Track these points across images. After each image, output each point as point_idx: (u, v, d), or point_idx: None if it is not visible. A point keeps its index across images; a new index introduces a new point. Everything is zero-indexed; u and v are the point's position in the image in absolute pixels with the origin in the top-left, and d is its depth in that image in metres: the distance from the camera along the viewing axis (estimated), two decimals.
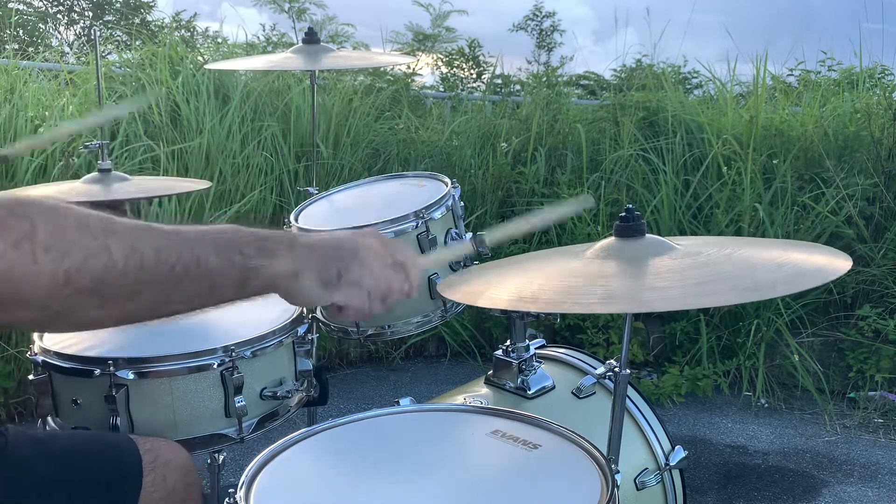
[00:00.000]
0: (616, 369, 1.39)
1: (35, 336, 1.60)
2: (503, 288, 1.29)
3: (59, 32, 13.09)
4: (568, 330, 4.01)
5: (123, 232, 0.86)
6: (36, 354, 1.54)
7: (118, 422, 1.46)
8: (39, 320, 0.86)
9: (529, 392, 1.65)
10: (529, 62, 9.38)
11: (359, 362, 4.10)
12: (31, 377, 1.55)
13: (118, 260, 0.84)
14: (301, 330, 1.66)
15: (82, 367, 1.48)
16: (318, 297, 1.02)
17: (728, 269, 1.18)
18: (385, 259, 1.07)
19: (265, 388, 1.58)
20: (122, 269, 0.84)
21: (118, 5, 13.65)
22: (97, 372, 1.46)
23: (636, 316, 3.87)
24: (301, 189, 2.34)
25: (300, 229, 1.88)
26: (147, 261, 0.86)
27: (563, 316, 3.88)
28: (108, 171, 2.13)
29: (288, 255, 0.98)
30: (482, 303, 1.28)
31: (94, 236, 0.83)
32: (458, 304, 1.89)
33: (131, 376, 1.46)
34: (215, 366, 1.50)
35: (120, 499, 1.30)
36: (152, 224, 0.90)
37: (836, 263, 1.19)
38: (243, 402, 1.52)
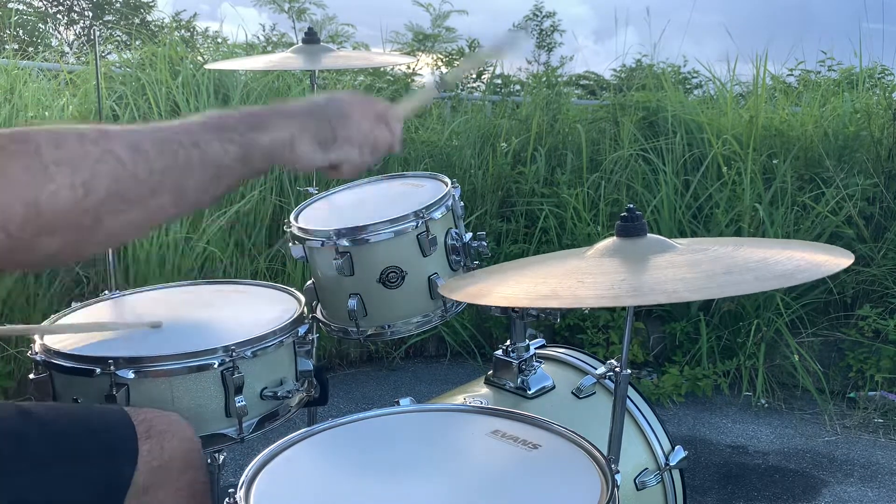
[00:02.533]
0: (616, 369, 1.39)
1: (35, 335, 1.60)
2: (518, 288, 1.28)
3: (59, 32, 13.09)
4: (568, 330, 4.01)
5: (121, 135, 0.87)
6: (37, 354, 1.54)
7: None
8: (71, 245, 0.85)
9: (529, 392, 1.65)
10: (529, 62, 9.37)
11: (359, 362, 4.09)
12: (31, 376, 1.55)
13: (125, 160, 0.85)
14: (301, 330, 1.66)
15: (83, 366, 1.48)
16: (317, 159, 1.05)
17: (744, 261, 1.20)
18: (368, 113, 1.11)
19: (265, 387, 1.58)
20: (132, 167, 0.86)
21: (118, 5, 13.65)
22: (98, 371, 1.46)
23: (636, 316, 3.87)
24: (301, 189, 2.34)
25: (300, 230, 1.88)
26: (152, 155, 0.88)
27: (563, 316, 3.88)
28: None
29: (280, 123, 1.01)
30: (505, 302, 1.28)
31: (94, 143, 0.84)
32: (459, 303, 1.89)
33: (132, 375, 1.46)
34: (216, 365, 1.50)
35: (114, 467, 1.28)
36: (147, 124, 0.92)
37: (839, 260, 1.20)
38: (243, 402, 1.52)
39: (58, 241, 0.82)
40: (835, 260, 1.20)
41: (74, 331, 1.64)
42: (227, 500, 1.06)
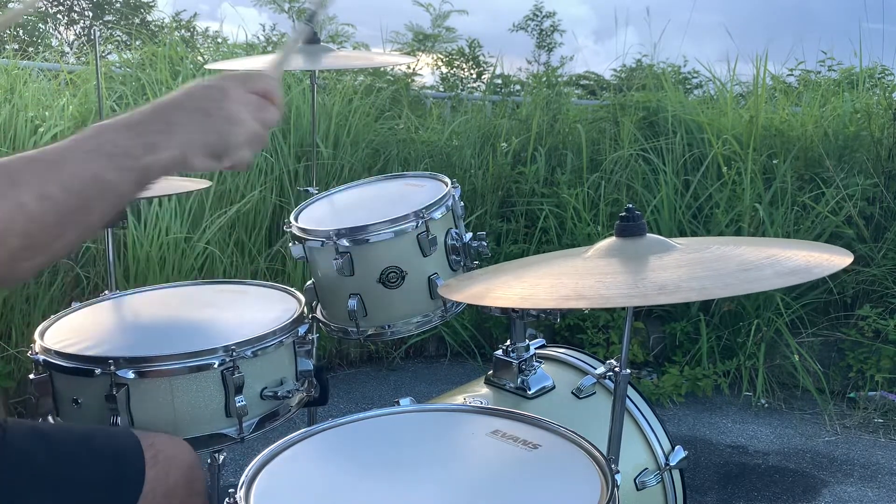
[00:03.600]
0: (616, 369, 1.39)
1: (36, 335, 1.60)
2: (529, 288, 1.28)
3: (59, 32, 13.09)
4: (568, 330, 4.02)
5: (26, 181, 0.87)
6: (37, 354, 1.54)
7: (119, 421, 1.46)
8: None
9: (529, 392, 1.65)
10: (529, 62, 9.35)
11: (359, 362, 4.10)
12: (31, 376, 1.55)
13: (34, 211, 0.86)
14: (302, 330, 1.66)
15: (83, 366, 1.48)
16: (212, 168, 1.04)
17: (759, 258, 1.20)
18: (251, 101, 1.06)
19: (266, 387, 1.58)
20: (41, 218, 0.86)
21: (118, 5, 13.65)
22: (98, 371, 1.46)
23: (636, 316, 3.87)
24: (301, 189, 2.34)
25: (300, 229, 1.88)
26: (58, 200, 0.88)
27: (563, 316, 3.88)
28: None
29: (170, 142, 0.98)
30: (520, 304, 1.27)
31: (3, 196, 0.84)
32: (458, 303, 1.89)
33: (132, 375, 1.46)
34: (216, 365, 1.50)
35: (121, 493, 1.29)
36: (37, 156, 0.91)
37: (840, 259, 1.20)
38: (244, 402, 1.52)
39: None
40: (835, 259, 1.20)
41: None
42: (227, 500, 1.06)
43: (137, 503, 1.28)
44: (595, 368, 1.69)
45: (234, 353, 1.50)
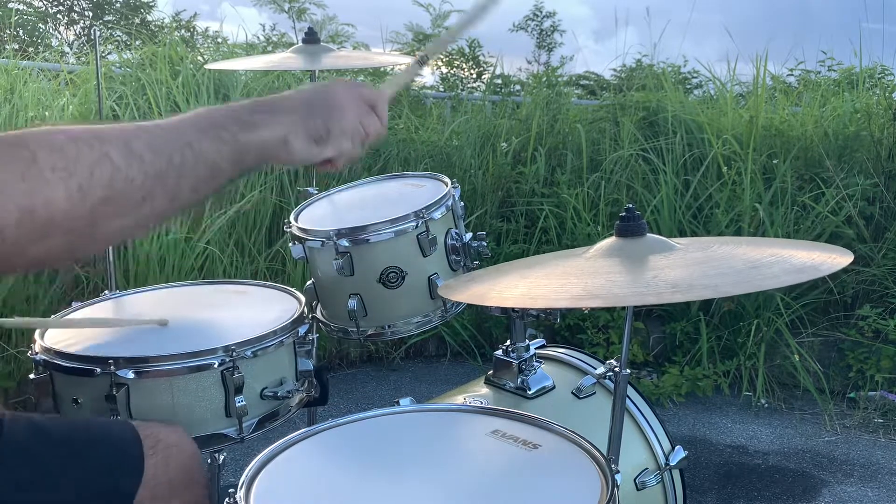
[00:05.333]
0: (616, 369, 1.39)
1: (36, 335, 1.60)
2: (538, 287, 1.27)
3: (59, 32, 13.07)
4: (568, 330, 4.02)
5: (115, 137, 0.87)
6: (37, 354, 1.54)
7: None
8: (65, 248, 0.85)
9: (529, 392, 1.65)
10: (529, 62, 9.37)
11: (359, 362, 4.09)
12: (31, 376, 1.55)
13: (120, 164, 0.85)
14: (302, 330, 1.66)
15: (83, 366, 1.48)
16: (312, 155, 1.05)
17: (763, 257, 1.20)
18: (358, 102, 1.09)
19: (265, 387, 1.58)
20: (126, 171, 0.85)
21: (118, 5, 13.64)
22: (98, 371, 1.46)
23: (636, 316, 3.87)
24: (301, 189, 2.34)
25: (300, 229, 1.88)
26: (146, 158, 0.87)
27: (563, 316, 3.88)
28: None
29: (272, 122, 1.00)
30: (532, 304, 1.26)
31: (90, 147, 0.84)
32: (458, 304, 1.89)
33: (132, 375, 1.46)
34: (216, 365, 1.50)
35: (121, 483, 1.28)
36: (137, 123, 0.91)
37: (841, 258, 1.20)
38: (243, 402, 1.52)
39: (52, 244, 0.82)
40: (838, 258, 1.20)
41: (81, 326, 1.64)
42: (227, 500, 1.06)
43: (137, 492, 1.28)
44: (595, 368, 1.69)
45: (234, 353, 1.50)
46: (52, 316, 1.74)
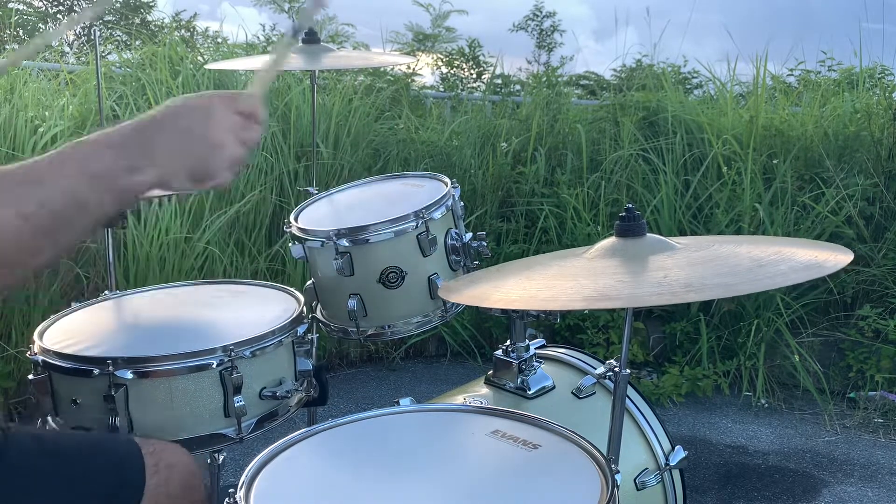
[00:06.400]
0: (616, 369, 1.39)
1: (35, 336, 1.60)
2: (545, 289, 1.27)
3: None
4: (568, 330, 4.01)
5: (3, 199, 0.87)
6: (36, 354, 1.54)
7: (117, 421, 1.46)
8: None
9: (529, 392, 1.65)
10: (529, 62, 9.36)
11: (359, 362, 4.09)
12: (30, 377, 1.55)
13: (8, 228, 0.86)
14: (301, 330, 1.66)
15: (81, 366, 1.48)
16: (193, 190, 1.07)
17: (766, 255, 1.20)
18: (235, 123, 1.05)
19: (264, 387, 1.58)
20: (16, 235, 0.86)
21: (118, 5, 13.64)
22: (96, 371, 1.46)
23: (636, 316, 3.87)
24: (301, 189, 2.34)
25: (300, 230, 1.88)
26: (35, 219, 0.88)
27: (563, 316, 3.88)
28: None
29: (150, 165, 0.99)
30: (539, 306, 1.26)
31: None
32: (458, 304, 1.89)
33: (130, 376, 1.46)
34: (214, 365, 1.49)
35: (122, 501, 1.29)
36: (15, 173, 0.91)
37: (843, 257, 1.20)
38: (242, 402, 1.51)
39: None
40: (839, 257, 1.19)
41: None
42: (227, 500, 1.06)
43: None
44: (595, 368, 1.69)
45: (232, 353, 1.50)
46: (51, 317, 1.73)
